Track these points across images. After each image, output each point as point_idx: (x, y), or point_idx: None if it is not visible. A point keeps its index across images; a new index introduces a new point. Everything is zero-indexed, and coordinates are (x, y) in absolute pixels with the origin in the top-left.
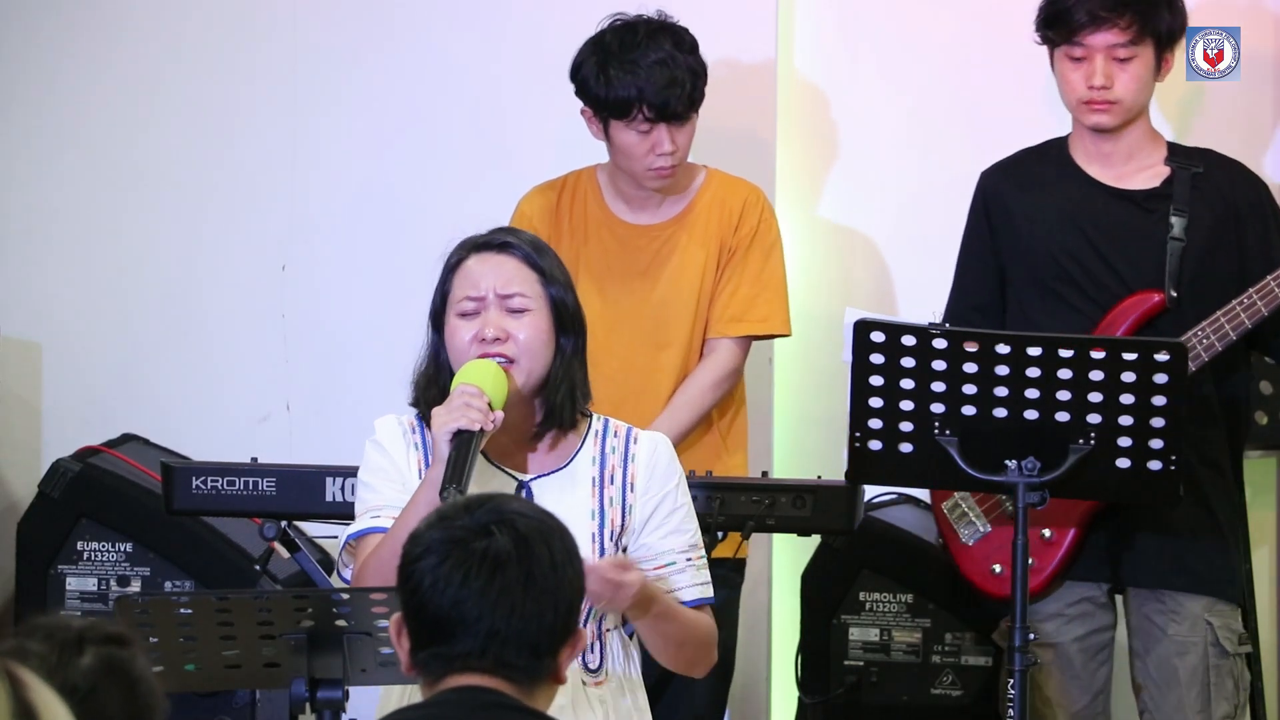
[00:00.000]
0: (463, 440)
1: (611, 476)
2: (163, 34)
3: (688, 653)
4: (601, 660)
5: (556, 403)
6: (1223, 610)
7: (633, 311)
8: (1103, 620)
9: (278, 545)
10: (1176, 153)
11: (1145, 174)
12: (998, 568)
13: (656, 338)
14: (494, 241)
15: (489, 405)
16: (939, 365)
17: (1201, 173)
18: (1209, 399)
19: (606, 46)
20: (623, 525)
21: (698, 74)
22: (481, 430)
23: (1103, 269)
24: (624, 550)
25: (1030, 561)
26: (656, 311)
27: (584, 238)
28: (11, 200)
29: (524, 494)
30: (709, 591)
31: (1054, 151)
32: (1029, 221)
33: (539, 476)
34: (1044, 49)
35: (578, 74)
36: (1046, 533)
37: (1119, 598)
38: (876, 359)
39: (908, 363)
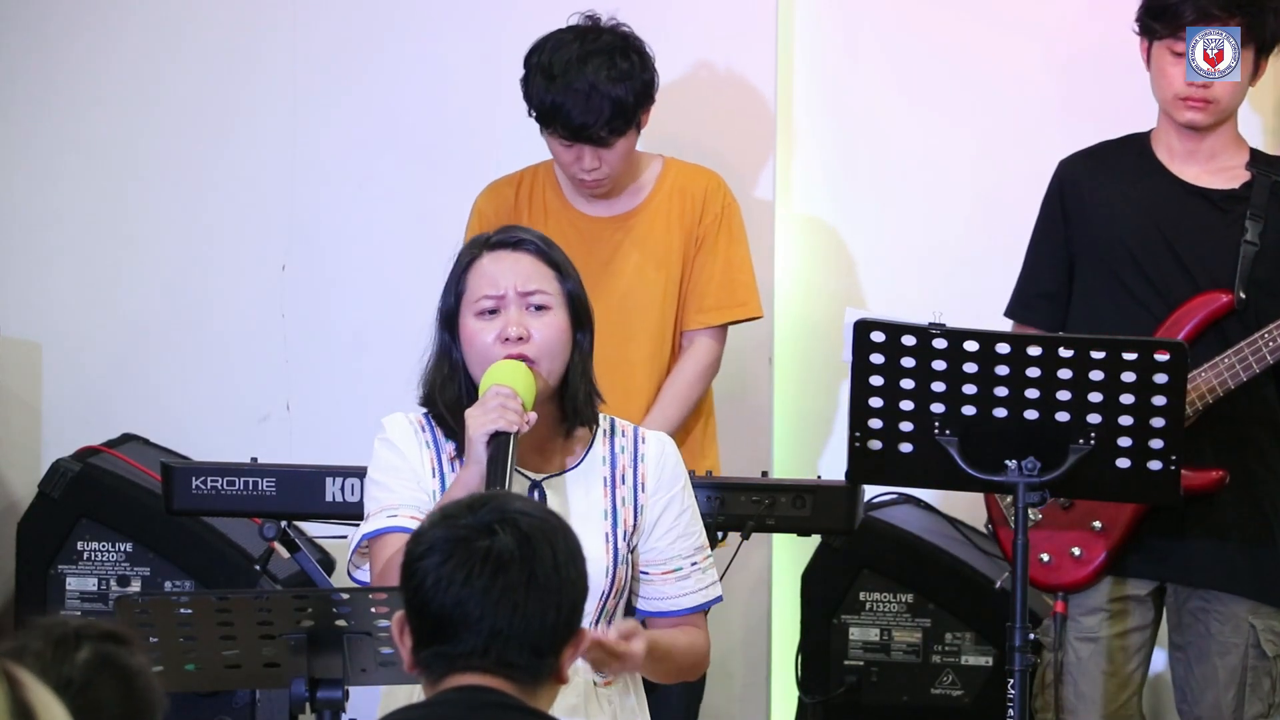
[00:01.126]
0: (501, 442)
1: (623, 476)
2: (163, 34)
3: (682, 674)
4: None
5: (579, 401)
6: (1267, 612)
7: (598, 305)
8: (1144, 618)
9: (278, 545)
10: (1259, 159)
11: (1225, 175)
12: (1046, 556)
13: (623, 330)
14: (509, 240)
15: (522, 405)
16: (939, 365)
17: None
18: (1270, 403)
19: (540, 57)
20: (635, 525)
21: (624, 104)
22: (517, 431)
23: (1173, 265)
24: (633, 550)
25: (1079, 553)
26: (621, 303)
27: (544, 231)
28: (12, 200)
29: (536, 494)
30: (715, 591)
31: (1135, 145)
32: (1104, 212)
33: (552, 476)
34: (1042, 54)
35: (524, 66)
36: (1098, 524)
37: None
38: (876, 359)
39: (908, 363)
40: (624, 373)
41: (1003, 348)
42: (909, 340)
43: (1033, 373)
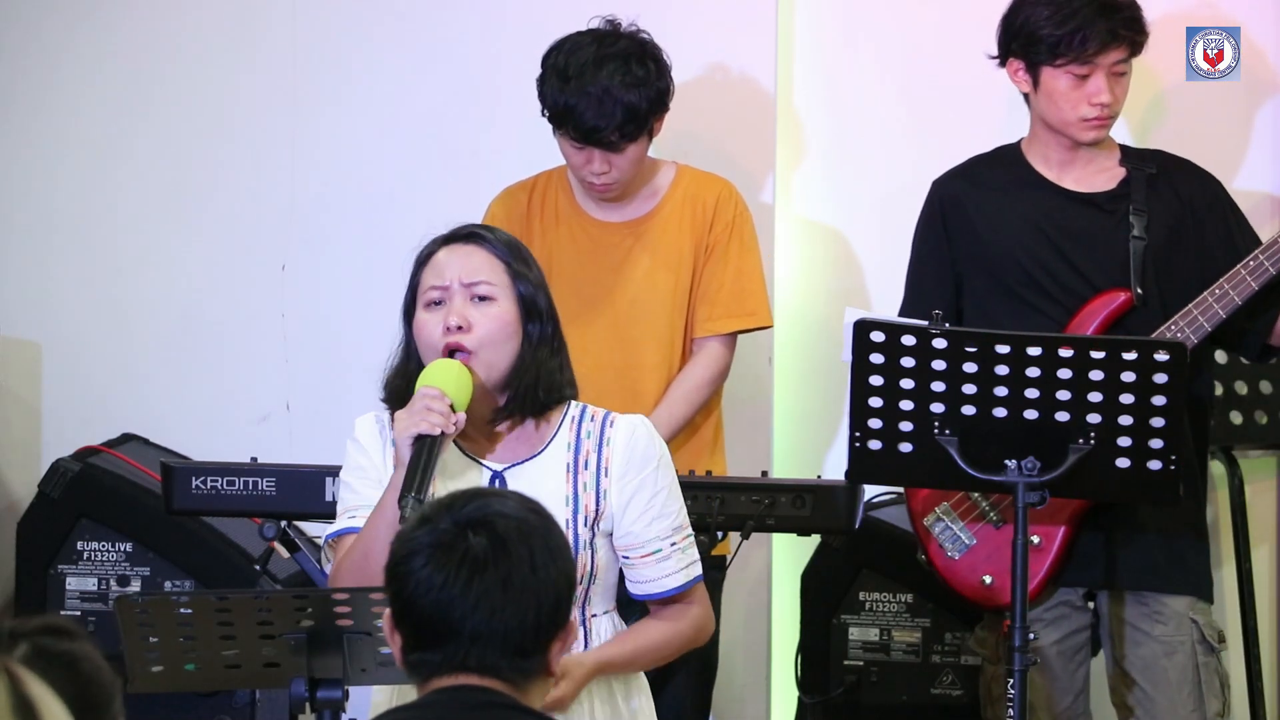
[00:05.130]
0: (423, 445)
1: (585, 462)
2: (162, 34)
3: (668, 657)
4: (586, 648)
5: (519, 390)
6: (1203, 609)
7: (607, 309)
8: (1079, 622)
9: (277, 545)
10: (1129, 155)
11: (1103, 176)
12: (988, 579)
13: (632, 334)
14: (462, 233)
15: (451, 407)
16: (939, 365)
17: (1156, 173)
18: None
19: (558, 58)
20: (598, 511)
21: (636, 111)
22: (443, 433)
23: (1068, 271)
24: (608, 536)
25: None
26: (631, 309)
27: (556, 236)
28: (12, 200)
29: (497, 483)
30: (697, 570)
31: (1009, 156)
32: (990, 227)
33: (512, 465)
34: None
35: (541, 65)
36: (1035, 539)
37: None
38: (876, 359)
39: (908, 362)
40: (632, 377)
41: (1002, 348)
42: (909, 340)
43: (1033, 373)
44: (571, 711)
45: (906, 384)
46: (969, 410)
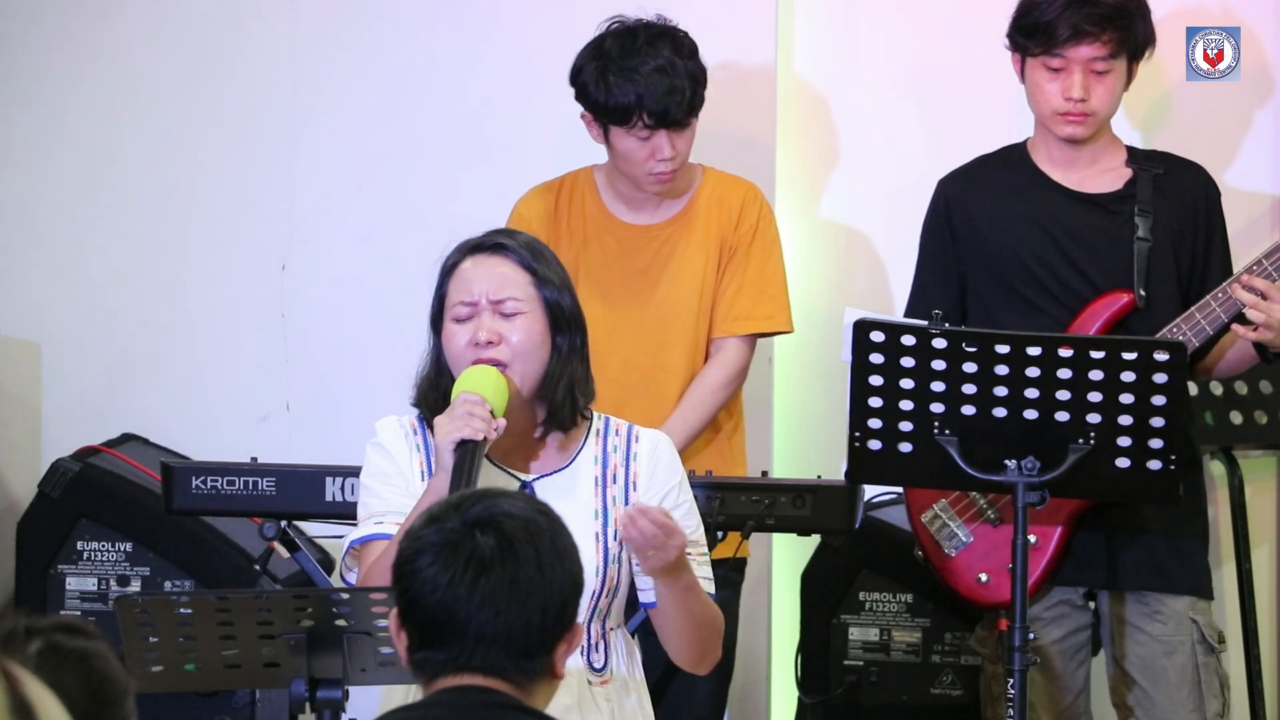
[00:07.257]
0: (466, 450)
1: (614, 476)
2: (161, 33)
3: (704, 635)
4: (606, 660)
5: (556, 404)
6: (1203, 608)
7: (634, 313)
8: (1080, 621)
9: (277, 545)
10: (1136, 155)
11: (1108, 176)
12: (984, 577)
13: (659, 338)
14: (488, 243)
15: (491, 413)
16: (939, 365)
17: (1162, 174)
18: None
19: (606, 53)
20: None
21: (698, 80)
22: (485, 439)
23: (1070, 272)
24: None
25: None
26: (658, 312)
27: (583, 240)
28: (10, 200)
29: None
30: (708, 588)
31: (1015, 157)
32: (994, 227)
33: (541, 477)
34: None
35: (577, 78)
36: (1032, 538)
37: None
38: (876, 359)
39: (907, 362)
40: (659, 380)
41: (1002, 348)
42: (909, 340)
43: (1032, 373)
44: (585, 709)
45: (906, 384)
46: (969, 410)
